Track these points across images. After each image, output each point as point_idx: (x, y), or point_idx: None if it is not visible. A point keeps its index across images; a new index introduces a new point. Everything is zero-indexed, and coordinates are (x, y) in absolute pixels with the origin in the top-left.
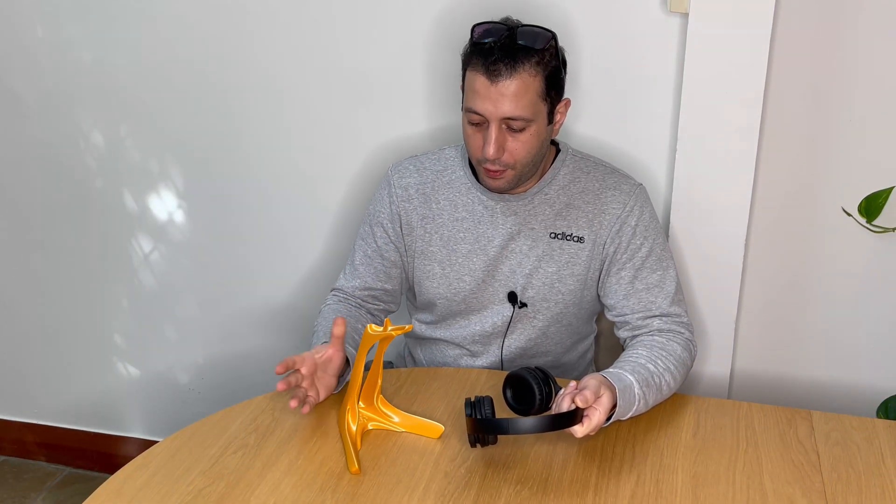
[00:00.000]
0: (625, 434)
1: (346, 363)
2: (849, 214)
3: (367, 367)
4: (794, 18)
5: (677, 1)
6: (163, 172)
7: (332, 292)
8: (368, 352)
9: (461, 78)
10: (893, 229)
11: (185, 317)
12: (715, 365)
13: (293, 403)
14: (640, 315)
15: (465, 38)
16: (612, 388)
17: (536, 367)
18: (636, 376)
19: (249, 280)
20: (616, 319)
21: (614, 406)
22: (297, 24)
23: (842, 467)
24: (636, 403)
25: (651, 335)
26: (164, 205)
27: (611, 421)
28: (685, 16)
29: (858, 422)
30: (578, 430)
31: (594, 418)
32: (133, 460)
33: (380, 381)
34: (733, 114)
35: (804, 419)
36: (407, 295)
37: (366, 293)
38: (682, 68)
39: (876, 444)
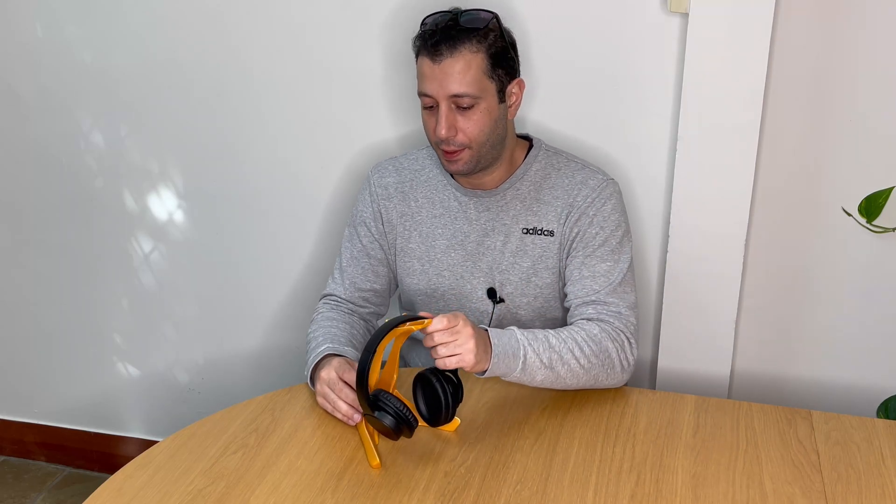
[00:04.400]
0: (625, 434)
1: None
2: (849, 214)
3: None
4: (794, 18)
5: (677, 1)
6: (163, 172)
7: (324, 299)
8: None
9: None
10: (893, 229)
11: (185, 317)
12: (715, 365)
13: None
14: (579, 301)
15: None
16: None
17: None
18: (521, 331)
19: (249, 280)
20: (566, 306)
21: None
22: (297, 27)
23: (842, 467)
24: (521, 348)
25: (576, 323)
26: (164, 205)
27: (493, 364)
28: (685, 16)
29: (858, 422)
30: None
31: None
32: (133, 460)
33: (395, 377)
34: (733, 114)
35: (804, 419)
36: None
37: (356, 296)
38: (681, 68)
39: (876, 444)
